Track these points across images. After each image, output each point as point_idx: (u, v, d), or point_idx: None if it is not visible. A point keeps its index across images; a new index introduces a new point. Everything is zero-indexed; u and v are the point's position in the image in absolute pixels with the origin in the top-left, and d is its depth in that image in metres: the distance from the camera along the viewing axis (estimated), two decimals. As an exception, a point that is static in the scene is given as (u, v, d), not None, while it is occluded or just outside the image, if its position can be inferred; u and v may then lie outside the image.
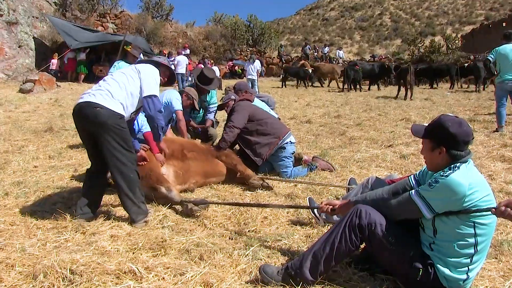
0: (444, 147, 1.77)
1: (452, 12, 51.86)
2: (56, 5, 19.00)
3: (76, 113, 2.64)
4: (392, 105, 9.68)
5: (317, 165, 4.06)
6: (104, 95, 2.61)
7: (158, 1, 23.72)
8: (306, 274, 1.85)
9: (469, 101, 10.36)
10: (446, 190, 1.68)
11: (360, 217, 1.82)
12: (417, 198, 1.76)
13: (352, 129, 6.55)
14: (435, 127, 1.81)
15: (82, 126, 2.68)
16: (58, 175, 3.98)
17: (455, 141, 1.75)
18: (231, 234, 2.53)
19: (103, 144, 2.56)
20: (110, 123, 2.53)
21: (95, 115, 2.53)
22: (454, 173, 1.70)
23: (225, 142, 3.87)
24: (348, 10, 59.54)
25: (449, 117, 1.82)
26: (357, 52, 40.59)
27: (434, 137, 1.81)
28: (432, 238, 1.80)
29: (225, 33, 23.36)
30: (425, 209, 1.74)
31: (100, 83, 2.74)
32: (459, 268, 1.74)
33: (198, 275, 1.95)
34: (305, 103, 10.40)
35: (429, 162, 1.88)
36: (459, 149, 1.76)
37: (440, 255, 1.76)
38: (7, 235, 2.47)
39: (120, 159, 2.58)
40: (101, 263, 2.00)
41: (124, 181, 2.60)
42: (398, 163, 4.37)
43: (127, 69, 2.87)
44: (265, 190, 3.51)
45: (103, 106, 2.55)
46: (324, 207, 2.15)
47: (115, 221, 2.67)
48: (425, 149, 1.86)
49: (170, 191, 3.04)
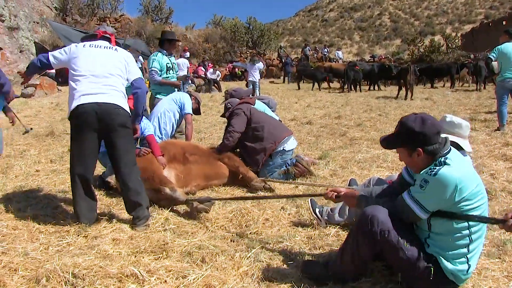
0: (420, 149, 1.76)
1: (451, 11, 51.87)
2: (56, 9, 19.10)
3: (93, 113, 2.55)
4: (392, 105, 9.68)
5: (295, 173, 3.86)
6: (120, 96, 2.66)
7: (158, 4, 23.81)
8: (341, 274, 1.91)
9: (470, 100, 10.34)
10: (437, 187, 1.67)
11: (373, 224, 1.78)
12: (410, 201, 1.75)
13: (352, 129, 6.55)
14: (402, 134, 1.81)
15: (97, 127, 2.58)
16: (60, 179, 3.99)
17: (426, 138, 1.74)
18: (232, 236, 2.53)
19: (118, 146, 2.60)
20: (127, 125, 2.65)
21: (117, 116, 2.58)
22: (442, 168, 1.68)
23: (226, 147, 3.86)
24: (347, 10, 59.64)
25: (409, 117, 1.81)
26: (356, 53, 40.63)
27: (405, 143, 1.80)
28: (427, 232, 1.80)
29: (224, 35, 23.41)
30: (419, 211, 1.73)
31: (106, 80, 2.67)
32: (458, 259, 1.74)
33: (200, 277, 1.95)
34: (305, 104, 10.41)
35: (412, 166, 1.87)
36: (433, 143, 1.75)
37: (437, 249, 1.76)
38: (9, 239, 2.47)
39: (132, 160, 2.68)
40: (103, 267, 2.00)
41: (137, 182, 2.68)
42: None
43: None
44: (266, 192, 3.51)
45: (121, 107, 2.61)
46: (329, 193, 2.14)
47: (117, 224, 2.68)
48: (403, 156, 1.86)
49: (174, 191, 3.03)
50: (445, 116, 2.44)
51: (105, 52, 2.81)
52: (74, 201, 2.71)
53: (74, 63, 2.71)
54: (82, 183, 2.66)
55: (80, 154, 2.65)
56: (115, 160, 2.65)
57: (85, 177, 2.66)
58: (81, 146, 2.64)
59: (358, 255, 1.85)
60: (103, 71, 2.70)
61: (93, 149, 2.66)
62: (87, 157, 2.66)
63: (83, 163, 2.66)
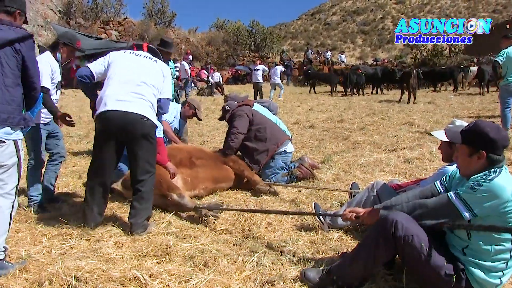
0: (484, 152, 1.76)
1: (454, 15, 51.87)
2: (60, 13, 19.29)
3: (117, 121, 2.52)
4: (395, 109, 9.66)
5: (298, 174, 3.90)
6: (146, 106, 2.61)
7: (161, 8, 23.98)
8: (347, 279, 1.89)
9: (473, 104, 10.31)
10: (490, 193, 1.67)
11: (397, 228, 1.77)
12: (457, 201, 1.74)
13: (355, 133, 6.54)
14: (473, 133, 1.81)
15: (119, 134, 2.56)
16: (63, 182, 4.01)
17: (495, 146, 1.76)
18: (235, 241, 2.53)
19: (139, 155, 2.59)
20: (151, 135, 2.63)
21: (142, 126, 2.55)
22: (498, 177, 1.69)
23: (231, 150, 3.86)
24: (350, 14, 59.75)
25: (486, 122, 1.83)
26: (359, 56, 40.64)
27: (472, 142, 1.80)
28: (466, 242, 1.77)
29: (227, 38, 23.54)
30: (465, 210, 1.71)
31: (136, 88, 2.63)
32: (494, 272, 1.73)
33: (203, 282, 1.95)
34: (308, 108, 10.41)
35: (465, 167, 1.86)
36: (497, 154, 1.76)
37: (475, 259, 1.74)
38: (13, 242, 2.48)
39: (150, 170, 2.66)
40: (105, 270, 2.00)
41: (149, 192, 2.66)
42: (402, 167, 4.35)
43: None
44: (270, 195, 3.51)
45: (147, 117, 2.58)
46: (347, 214, 2.10)
47: (120, 227, 2.68)
48: (461, 154, 1.85)
49: (182, 197, 2.99)
50: (454, 120, 2.46)
51: (142, 60, 2.79)
52: (86, 204, 2.68)
53: (111, 68, 2.71)
54: (99, 188, 2.65)
55: (101, 159, 2.63)
56: (134, 167, 2.63)
57: (103, 183, 2.65)
58: (102, 152, 2.62)
59: (374, 259, 1.84)
60: (135, 78, 2.65)
61: (114, 156, 2.64)
62: (107, 163, 2.63)
63: (102, 169, 2.64)
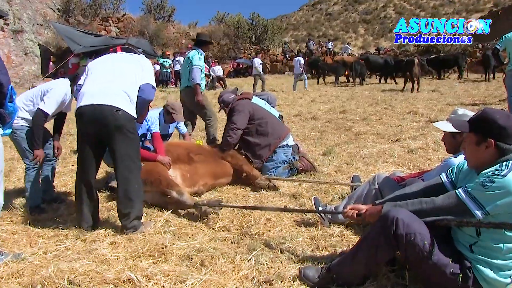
0: (492, 140, 1.63)
1: (458, 1, 50.85)
2: (59, 11, 19.22)
3: (89, 115, 2.47)
4: (398, 98, 9.50)
5: (299, 167, 3.85)
6: (121, 97, 2.51)
7: (160, 2, 23.79)
8: (347, 278, 1.83)
9: (479, 91, 10.12)
10: (504, 190, 1.54)
11: (397, 226, 1.67)
12: (467, 199, 1.61)
13: (358, 124, 6.43)
14: (482, 120, 1.68)
15: (92, 129, 2.51)
16: (62, 181, 3.97)
17: (504, 134, 1.62)
18: (233, 238, 2.47)
19: (116, 150, 2.49)
20: (127, 128, 2.50)
21: (113, 118, 2.44)
22: (511, 172, 1.55)
23: (229, 145, 3.79)
24: (351, 3, 58.85)
25: (495, 110, 1.70)
26: (362, 46, 40.06)
27: (480, 130, 1.67)
28: (475, 239, 1.67)
29: (228, 32, 23.32)
30: (476, 208, 1.59)
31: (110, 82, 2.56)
32: (504, 271, 1.63)
33: (199, 282, 1.89)
34: (310, 99, 10.28)
35: (472, 157, 1.72)
36: (508, 143, 1.62)
37: (484, 257, 1.64)
38: (8, 244, 2.46)
39: (132, 166, 2.54)
40: (100, 272, 1.96)
41: (134, 190, 2.54)
42: (406, 158, 4.25)
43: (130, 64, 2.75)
44: (270, 190, 3.44)
45: (120, 109, 2.48)
46: (349, 212, 2.00)
47: (116, 227, 2.63)
48: (469, 144, 1.72)
49: (181, 194, 2.92)
50: (457, 109, 2.35)
51: (117, 55, 2.79)
52: (76, 205, 2.67)
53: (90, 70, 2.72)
54: (84, 187, 2.60)
55: (83, 158, 2.61)
56: (115, 164, 2.56)
57: (86, 180, 2.60)
58: (83, 151, 2.61)
59: (375, 258, 1.76)
60: (110, 71, 2.64)
61: (94, 154, 2.58)
62: (88, 162, 2.59)
63: (83, 165, 2.61)
